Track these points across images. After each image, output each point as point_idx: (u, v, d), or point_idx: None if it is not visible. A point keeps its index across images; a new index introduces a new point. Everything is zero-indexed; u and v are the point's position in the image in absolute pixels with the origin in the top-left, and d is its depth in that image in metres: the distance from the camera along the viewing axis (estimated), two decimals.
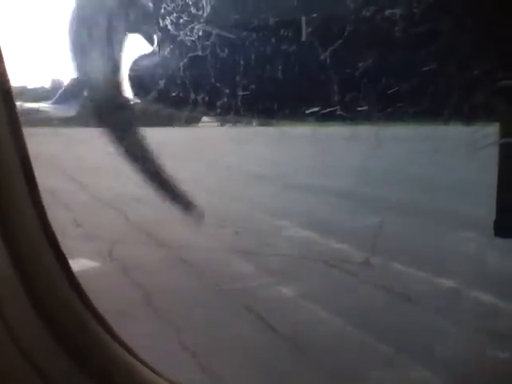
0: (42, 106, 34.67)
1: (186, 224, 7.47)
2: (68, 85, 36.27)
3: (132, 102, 1.53)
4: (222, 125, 30.55)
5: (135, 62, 1.46)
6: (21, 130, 0.92)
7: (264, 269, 5.50)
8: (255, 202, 9.79)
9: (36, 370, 0.91)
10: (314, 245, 6.51)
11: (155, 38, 1.33)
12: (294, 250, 6.25)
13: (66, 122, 34.13)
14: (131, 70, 1.45)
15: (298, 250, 6.20)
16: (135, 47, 1.54)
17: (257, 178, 13.44)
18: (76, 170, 14.14)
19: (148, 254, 6.24)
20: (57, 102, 35.73)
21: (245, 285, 5.04)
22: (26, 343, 0.90)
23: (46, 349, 0.93)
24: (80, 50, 1.44)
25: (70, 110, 33.68)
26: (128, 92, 1.53)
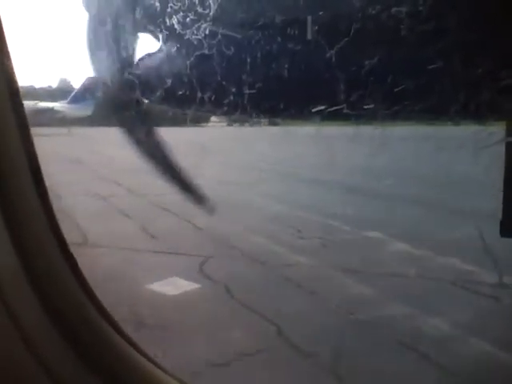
0: (57, 105, 34.73)
1: (263, 234, 6.88)
2: (83, 84, 36.30)
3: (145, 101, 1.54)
4: (229, 125, 30.54)
5: (141, 61, 1.46)
6: (29, 131, 0.92)
7: (389, 292, 4.76)
8: (304, 204, 9.09)
9: (43, 367, 0.91)
10: (422, 261, 5.71)
11: (161, 36, 1.34)
12: (405, 268, 5.43)
13: (81, 121, 34.08)
14: (137, 69, 1.46)
15: (411, 268, 5.39)
16: (141, 47, 1.54)
17: (284, 177, 12.84)
18: (115, 173, 13.29)
19: (245, 271, 5.48)
20: (72, 102, 35.82)
21: (380, 313, 4.30)
22: (33, 340, 0.91)
23: (53, 346, 0.94)
24: (95, 49, 1.45)
25: (85, 110, 33.58)
26: (134, 92, 1.53)
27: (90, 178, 12.49)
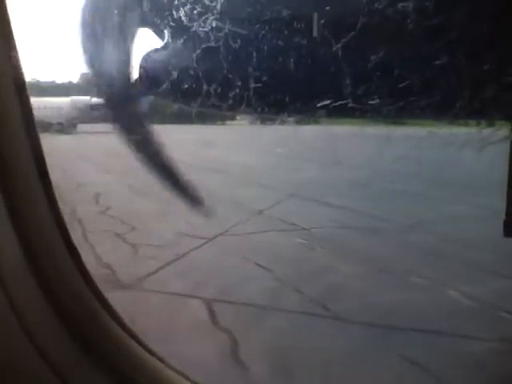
0: None
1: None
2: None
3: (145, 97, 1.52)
4: (252, 123, 30.38)
5: (146, 56, 1.46)
6: (34, 125, 0.92)
7: None
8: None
9: (47, 362, 0.92)
10: None
11: (167, 30, 1.34)
12: None
13: None
14: (142, 63, 1.45)
15: None
16: (146, 41, 1.54)
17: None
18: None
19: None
20: None
21: None
22: (36, 332, 0.91)
23: (57, 341, 0.94)
24: (91, 42, 1.44)
25: (141, 106, 32.97)
26: (139, 86, 1.53)
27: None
